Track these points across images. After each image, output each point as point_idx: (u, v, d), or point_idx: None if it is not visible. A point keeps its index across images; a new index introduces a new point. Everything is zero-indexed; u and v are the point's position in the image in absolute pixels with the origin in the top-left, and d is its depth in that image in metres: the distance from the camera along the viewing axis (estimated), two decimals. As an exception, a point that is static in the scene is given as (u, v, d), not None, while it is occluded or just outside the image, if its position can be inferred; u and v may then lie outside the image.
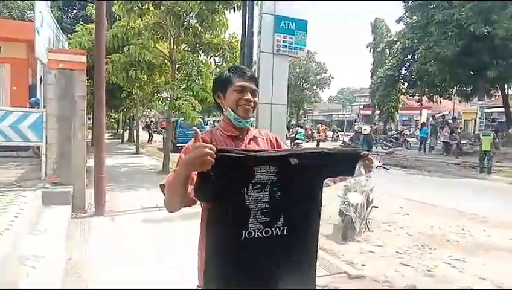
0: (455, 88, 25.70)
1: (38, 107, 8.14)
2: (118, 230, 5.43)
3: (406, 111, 43.02)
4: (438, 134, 21.86)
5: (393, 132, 29.86)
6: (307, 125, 38.42)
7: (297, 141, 19.17)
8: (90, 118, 17.36)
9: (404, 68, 28.73)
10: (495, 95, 26.74)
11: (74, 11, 21.57)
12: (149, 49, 9.79)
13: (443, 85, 24.09)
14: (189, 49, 11.11)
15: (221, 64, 11.38)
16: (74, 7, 21.55)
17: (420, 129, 23.28)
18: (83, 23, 12.11)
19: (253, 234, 1.42)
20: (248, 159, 1.39)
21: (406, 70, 28.69)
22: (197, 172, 1.30)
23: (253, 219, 1.42)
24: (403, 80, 29.86)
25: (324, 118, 60.04)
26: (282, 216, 1.47)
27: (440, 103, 31.29)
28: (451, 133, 19.65)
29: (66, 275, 3.62)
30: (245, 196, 1.40)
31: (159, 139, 24.49)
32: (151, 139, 25.04)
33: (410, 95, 32.25)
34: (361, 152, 1.63)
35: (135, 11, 9.42)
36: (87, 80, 7.09)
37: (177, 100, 9.77)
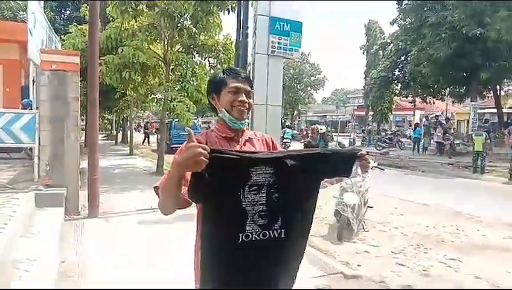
0: (448, 89, 25.93)
1: (31, 109, 8.08)
2: (112, 232, 5.38)
3: (400, 112, 43.22)
4: (432, 134, 22.00)
5: (387, 133, 29.98)
6: (302, 126, 38.45)
7: (284, 141, 19.47)
8: (83, 120, 17.29)
9: (397, 69, 28.96)
10: (487, 96, 27.00)
11: (67, 12, 21.47)
12: (143, 51, 9.74)
13: (436, 86, 24.28)
14: (184, 50, 11.07)
15: (216, 65, 11.35)
16: (67, 8, 21.46)
17: (414, 130, 23.40)
18: (76, 24, 12.06)
19: (251, 237, 1.40)
20: (243, 160, 1.38)
21: (399, 71, 28.92)
22: (191, 173, 1.29)
23: (251, 222, 1.40)
24: (396, 81, 30.09)
25: (318, 118, 60.14)
26: (279, 218, 1.45)
27: (433, 103, 31.53)
28: (444, 133, 19.79)
29: (59, 278, 3.58)
30: (241, 197, 1.38)
31: (153, 140, 24.35)
32: (148, 141, 24.81)
33: (404, 96, 32.47)
34: (358, 152, 1.60)
35: (129, 12, 9.35)
36: (81, 81, 7.04)
37: (171, 101, 9.73)
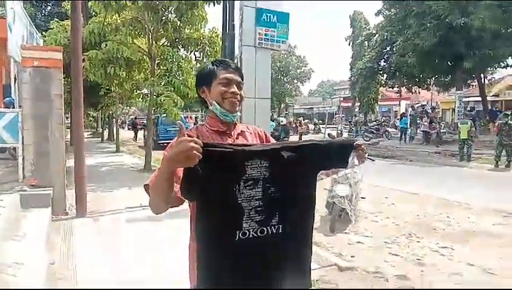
0: (433, 79, 26.21)
1: (13, 107, 7.87)
2: (101, 231, 5.28)
3: (386, 102, 43.60)
4: (418, 124, 22.21)
5: (374, 123, 30.20)
6: (290, 119, 38.45)
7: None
8: (68, 117, 16.95)
9: (383, 60, 29.11)
10: (472, 85, 27.33)
11: (48, 8, 20.99)
12: (127, 45, 9.55)
13: (421, 76, 24.54)
14: (169, 44, 10.89)
15: (202, 59, 11.21)
16: (48, 4, 20.95)
17: (400, 120, 23.60)
18: (57, 20, 11.78)
19: (248, 234, 1.34)
20: (237, 153, 1.31)
21: (385, 62, 29.08)
22: (182, 169, 1.22)
23: (247, 218, 1.34)
24: (382, 72, 30.27)
25: (305, 111, 60.32)
26: (277, 214, 1.40)
27: (419, 93, 31.85)
28: (430, 122, 20.00)
29: (48, 280, 3.49)
30: (237, 193, 1.32)
31: (140, 136, 24.12)
32: (136, 137, 24.56)
33: (390, 87, 32.70)
34: (354, 142, 1.56)
35: (112, 6, 9.15)
36: (64, 78, 6.85)
37: (158, 96, 9.59)
